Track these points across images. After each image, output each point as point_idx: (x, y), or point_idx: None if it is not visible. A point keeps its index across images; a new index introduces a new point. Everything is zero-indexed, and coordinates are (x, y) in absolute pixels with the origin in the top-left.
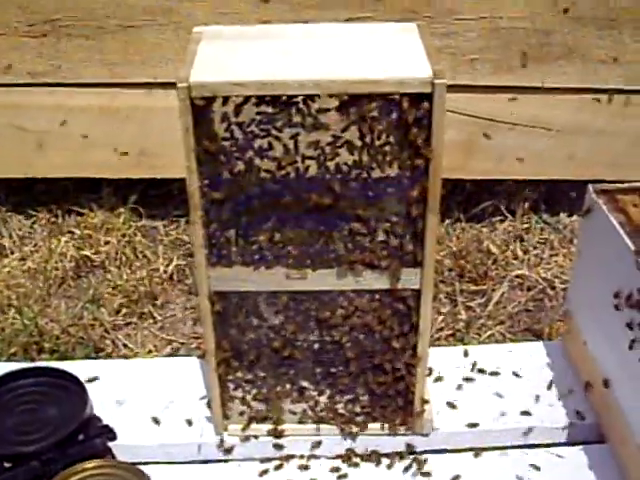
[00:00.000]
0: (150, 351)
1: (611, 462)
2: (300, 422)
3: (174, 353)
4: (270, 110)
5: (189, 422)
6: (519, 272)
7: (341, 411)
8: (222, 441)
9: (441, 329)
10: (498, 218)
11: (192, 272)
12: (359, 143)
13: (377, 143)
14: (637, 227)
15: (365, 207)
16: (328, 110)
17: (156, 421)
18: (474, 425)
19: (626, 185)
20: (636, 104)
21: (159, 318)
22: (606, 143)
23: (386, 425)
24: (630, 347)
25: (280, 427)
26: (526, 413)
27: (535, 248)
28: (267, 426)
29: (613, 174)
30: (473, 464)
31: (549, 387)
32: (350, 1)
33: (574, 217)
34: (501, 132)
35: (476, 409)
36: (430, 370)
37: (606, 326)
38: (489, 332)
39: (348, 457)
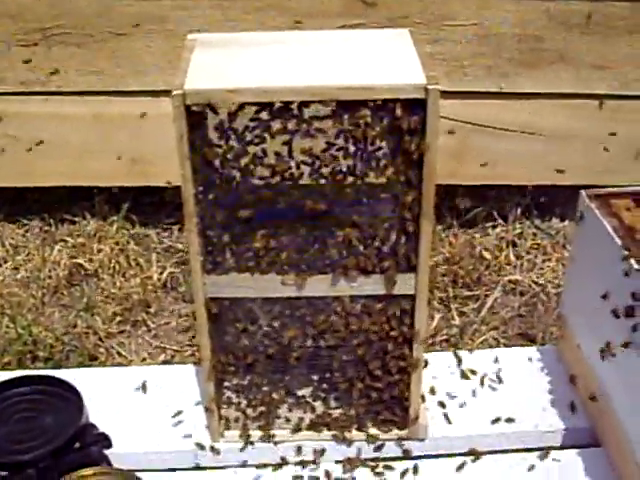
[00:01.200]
0: (144, 359)
1: (606, 466)
2: (296, 428)
3: (168, 361)
4: (264, 117)
5: (185, 429)
6: (512, 277)
7: (336, 417)
8: (215, 447)
9: (435, 335)
10: (491, 224)
11: (186, 280)
12: (353, 149)
13: (371, 149)
14: (630, 231)
15: (359, 213)
16: (322, 117)
17: (152, 428)
18: (469, 430)
19: (619, 189)
20: (627, 110)
21: (153, 326)
22: (598, 148)
23: (382, 430)
24: (625, 345)
25: (276, 433)
26: (521, 417)
27: (528, 253)
28: (262, 432)
29: (605, 179)
30: (469, 469)
31: (543, 391)
32: (342, 8)
33: (566, 222)
34: (493, 138)
35: (471, 414)
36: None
37: (600, 330)
38: (483, 337)
39: (343, 463)
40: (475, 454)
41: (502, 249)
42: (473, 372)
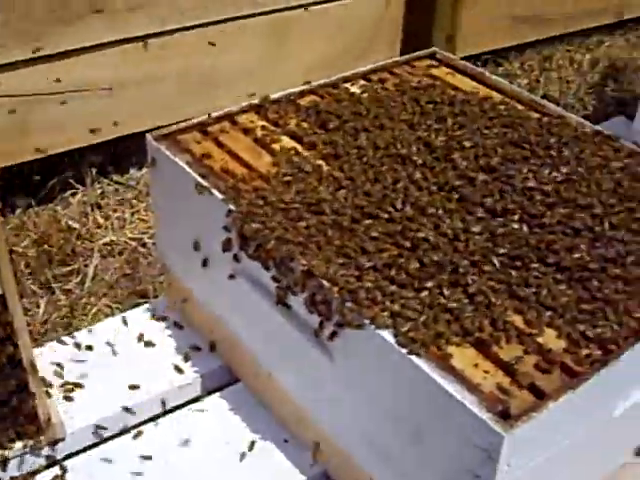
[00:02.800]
0: None
1: (248, 397)
2: None
3: None
4: None
5: None
6: (106, 240)
7: None
8: None
9: (45, 322)
10: (70, 192)
11: None
12: None
13: None
14: (201, 162)
15: None
16: None
17: None
18: (106, 411)
19: (184, 124)
20: (172, 45)
21: None
22: (155, 89)
23: (17, 444)
24: (231, 277)
25: None
26: (155, 380)
27: (115, 211)
28: None
29: (170, 117)
30: (124, 449)
31: (170, 347)
32: None
33: (144, 170)
34: (50, 104)
35: (105, 396)
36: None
37: (200, 268)
38: (95, 308)
39: None
40: (121, 434)
41: (88, 214)
42: (95, 350)
